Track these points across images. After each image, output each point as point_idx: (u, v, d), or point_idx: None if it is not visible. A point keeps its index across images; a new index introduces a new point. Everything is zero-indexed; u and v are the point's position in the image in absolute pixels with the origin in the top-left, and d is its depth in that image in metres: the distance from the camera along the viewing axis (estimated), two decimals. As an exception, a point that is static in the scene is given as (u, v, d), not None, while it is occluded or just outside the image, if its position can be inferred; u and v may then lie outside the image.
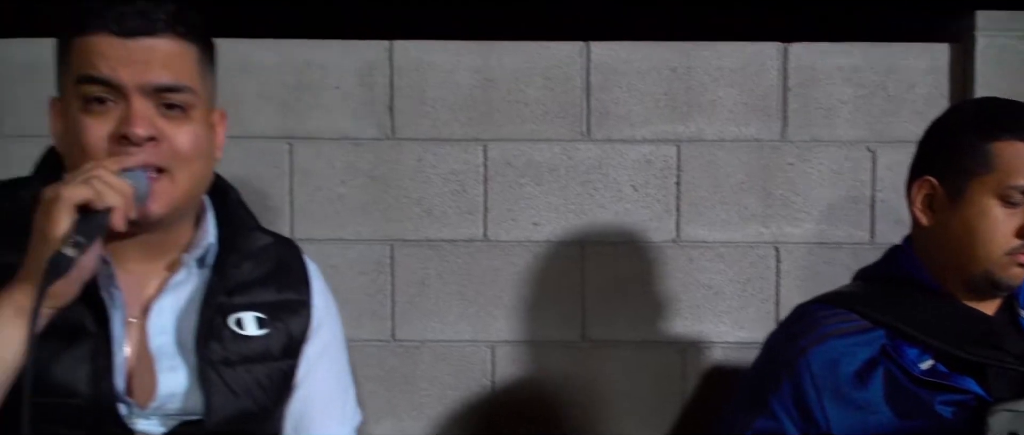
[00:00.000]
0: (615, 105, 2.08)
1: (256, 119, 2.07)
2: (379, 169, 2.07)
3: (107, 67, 1.08)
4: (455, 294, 2.08)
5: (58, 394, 1.09)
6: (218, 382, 1.18)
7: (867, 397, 1.37)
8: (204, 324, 1.19)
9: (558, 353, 2.08)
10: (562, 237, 2.08)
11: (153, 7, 1.11)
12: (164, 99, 1.12)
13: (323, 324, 1.35)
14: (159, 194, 1.12)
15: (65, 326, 1.09)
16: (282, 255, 1.34)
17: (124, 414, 1.14)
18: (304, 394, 1.32)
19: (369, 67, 2.08)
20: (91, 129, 1.09)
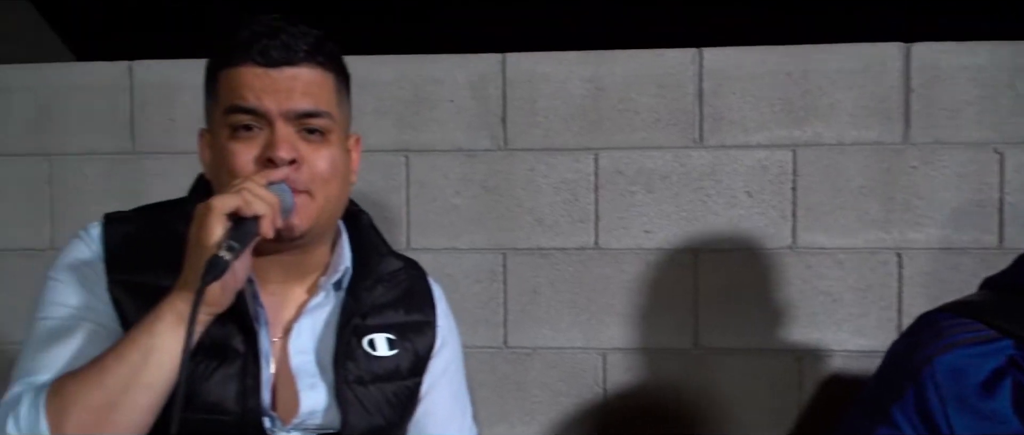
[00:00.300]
0: (728, 111, 2.06)
1: (374, 134, 2.13)
2: (492, 179, 2.11)
3: (253, 96, 1.15)
4: (567, 302, 2.10)
5: (209, 411, 1.16)
6: (353, 400, 1.24)
7: (994, 408, 1.32)
8: (341, 345, 1.25)
9: (670, 361, 2.07)
10: (674, 244, 2.07)
11: (295, 39, 1.17)
12: (305, 124, 1.18)
13: (446, 343, 1.40)
14: (301, 210, 1.17)
15: (215, 346, 1.16)
16: (411, 279, 1.39)
17: (268, 428, 1.20)
18: (425, 409, 1.37)
19: (482, 80, 2.12)
20: (239, 154, 1.16)
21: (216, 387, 1.16)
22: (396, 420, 1.30)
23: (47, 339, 1.16)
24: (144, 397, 1.05)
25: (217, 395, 1.16)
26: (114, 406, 1.04)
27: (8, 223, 2.24)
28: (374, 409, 1.26)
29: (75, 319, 1.17)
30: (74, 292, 1.19)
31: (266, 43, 1.15)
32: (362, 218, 1.40)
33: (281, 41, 1.16)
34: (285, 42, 1.16)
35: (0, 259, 2.24)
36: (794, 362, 2.04)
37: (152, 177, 2.19)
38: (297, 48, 1.17)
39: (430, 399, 1.37)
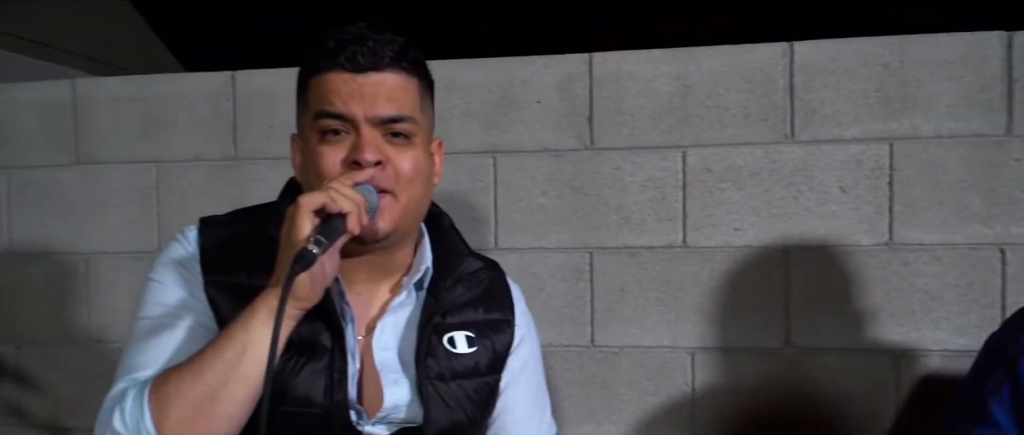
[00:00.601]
0: (821, 105, 2.02)
1: (462, 136, 2.17)
2: (578, 179, 2.12)
3: (340, 102, 1.19)
4: (654, 300, 2.09)
5: (298, 405, 1.20)
6: (435, 396, 1.27)
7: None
8: (422, 343, 1.28)
9: (761, 360, 2.04)
10: (765, 242, 2.04)
11: (381, 45, 1.20)
12: (389, 128, 1.21)
13: (524, 341, 1.42)
14: (385, 210, 1.21)
15: (304, 343, 1.21)
16: (490, 279, 1.42)
17: (355, 421, 1.24)
18: (503, 405, 1.39)
19: (569, 80, 2.13)
20: (327, 156, 1.20)
21: (305, 381, 1.21)
22: (476, 416, 1.33)
23: (148, 337, 1.22)
24: (241, 389, 1.10)
25: (306, 389, 1.21)
26: (213, 398, 1.09)
27: (119, 227, 2.36)
28: (455, 405, 1.28)
29: (174, 317, 1.23)
30: (173, 292, 1.25)
31: (353, 50, 1.19)
32: (443, 220, 1.43)
33: (367, 47, 1.19)
34: (371, 48, 1.20)
35: (112, 261, 2.36)
36: (891, 362, 1.98)
37: (253, 182, 2.28)
38: (383, 54, 1.20)
39: (508, 395, 1.39)
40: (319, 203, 1.11)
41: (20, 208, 2.43)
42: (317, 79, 1.22)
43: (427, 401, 1.26)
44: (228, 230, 1.31)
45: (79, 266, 2.39)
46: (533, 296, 2.15)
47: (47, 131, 2.41)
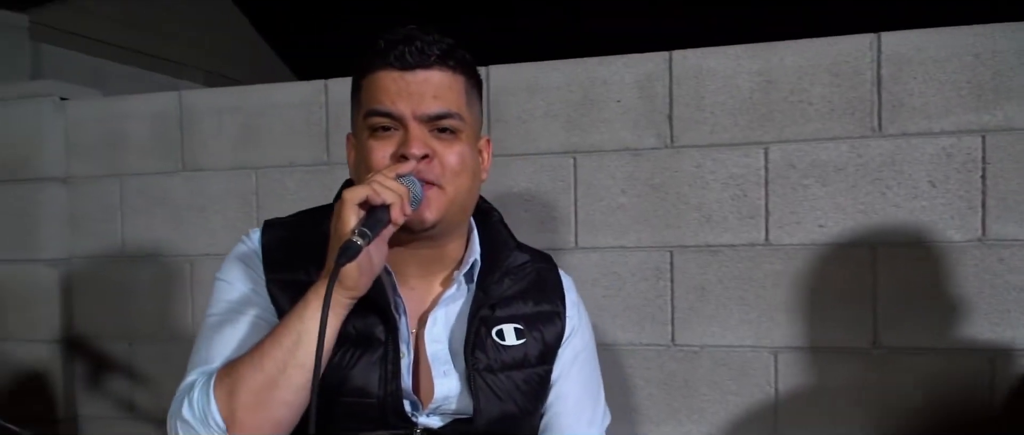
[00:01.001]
0: (909, 97, 1.96)
1: (543, 136, 2.19)
2: (658, 177, 2.11)
3: (389, 100, 1.24)
4: (735, 299, 2.06)
5: (355, 395, 1.25)
6: (484, 387, 1.30)
7: None
8: (470, 335, 1.31)
9: (846, 360, 1.98)
10: (851, 239, 1.98)
11: (428, 45, 1.25)
12: (436, 124, 1.26)
13: (576, 332, 1.43)
14: (431, 201, 1.25)
15: (359, 336, 1.26)
16: (540, 271, 1.43)
17: (409, 411, 1.28)
18: (556, 395, 1.40)
19: (649, 79, 2.13)
20: (377, 151, 1.25)
21: (360, 373, 1.25)
22: (527, 407, 1.34)
23: (215, 331, 1.29)
24: (298, 376, 1.15)
25: (362, 380, 1.25)
26: (273, 385, 1.15)
27: (221, 230, 2.48)
28: (505, 396, 1.30)
29: (239, 313, 1.30)
30: (238, 289, 1.32)
31: (402, 49, 1.24)
32: (493, 215, 1.45)
33: (415, 46, 1.24)
34: (419, 48, 1.24)
35: (214, 263, 2.48)
36: (985, 362, 1.89)
37: (342, 184, 2.36)
38: (429, 53, 1.25)
39: (560, 386, 1.40)
40: (363, 196, 1.15)
41: (132, 213, 2.58)
42: (368, 78, 1.27)
43: (476, 393, 1.28)
44: (289, 231, 1.37)
45: (184, 267, 2.52)
46: (613, 295, 2.15)
47: (156, 140, 2.56)
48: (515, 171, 2.21)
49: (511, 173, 2.21)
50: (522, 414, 1.33)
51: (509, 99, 2.23)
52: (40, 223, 2.62)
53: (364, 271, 1.17)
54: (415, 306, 1.33)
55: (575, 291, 1.47)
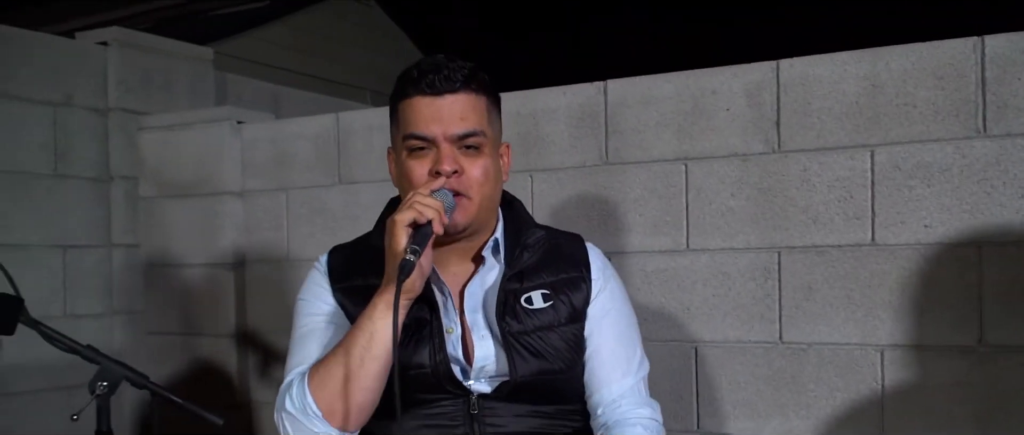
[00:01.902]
0: (1014, 98, 1.97)
1: (656, 145, 2.33)
2: (766, 181, 2.20)
3: (423, 125, 1.48)
4: (842, 298, 2.11)
5: (416, 368, 1.51)
6: (517, 348, 1.51)
7: None
8: (499, 304, 1.53)
9: (952, 358, 2.00)
10: (956, 238, 2.01)
11: (454, 71, 1.49)
12: (463, 142, 1.49)
13: (603, 291, 1.61)
14: (462, 209, 1.49)
15: (413, 322, 1.52)
16: (556, 244, 1.64)
17: (460, 377, 1.53)
18: (591, 350, 1.58)
19: (757, 87, 2.23)
20: (415, 169, 1.50)
21: (416, 350, 1.52)
22: (564, 363, 1.54)
23: (302, 341, 1.59)
24: (373, 366, 1.43)
25: (417, 356, 1.52)
26: (354, 376, 1.43)
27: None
28: (539, 354, 1.52)
29: (317, 323, 1.60)
30: (314, 305, 1.62)
31: (432, 77, 1.48)
32: (514, 204, 1.68)
33: (444, 74, 1.48)
34: (446, 75, 1.48)
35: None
36: (1096, 361, 1.87)
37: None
38: (455, 79, 1.49)
39: (594, 341, 1.58)
40: (409, 219, 1.40)
41: (295, 222, 2.91)
42: (405, 103, 1.52)
43: (510, 353, 1.50)
44: (347, 250, 1.68)
45: (340, 270, 2.81)
46: (722, 294, 2.26)
47: (316, 157, 2.88)
48: (630, 178, 2.36)
49: (627, 180, 2.36)
50: (556, 371, 1.53)
51: (625, 111, 2.38)
52: (219, 231, 3.00)
53: (417, 278, 1.43)
54: (455, 286, 1.57)
55: (602, 258, 1.67)
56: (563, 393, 1.58)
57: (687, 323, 2.30)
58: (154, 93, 3.23)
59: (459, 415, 1.54)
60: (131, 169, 3.13)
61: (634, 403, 1.58)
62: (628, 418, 1.56)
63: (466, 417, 1.53)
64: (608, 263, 1.68)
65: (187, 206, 3.07)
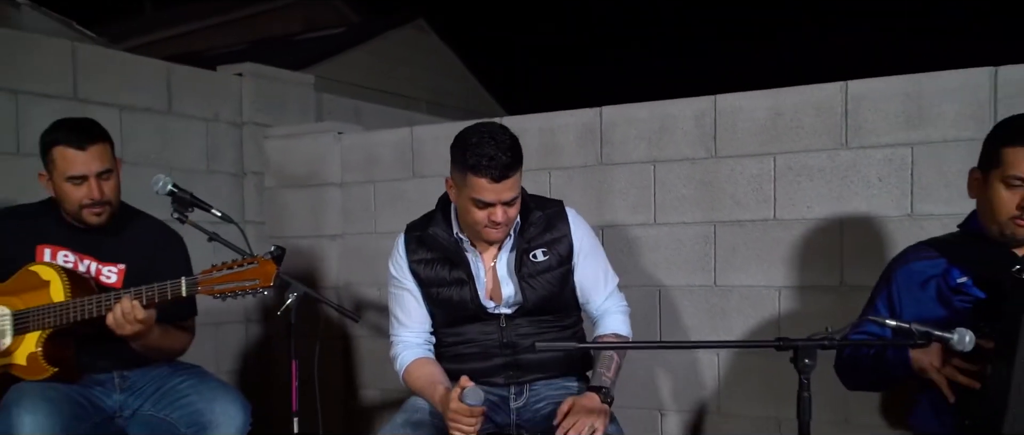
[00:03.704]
0: (866, 123, 2.97)
1: (634, 152, 3.37)
2: (706, 177, 3.23)
3: (488, 196, 2.28)
4: (754, 256, 3.15)
5: (462, 306, 2.47)
6: (528, 287, 2.46)
7: (924, 296, 2.23)
8: (516, 261, 2.48)
9: (824, 294, 3.03)
10: (827, 216, 3.02)
11: (508, 162, 2.25)
12: (508, 201, 2.32)
13: (582, 241, 2.54)
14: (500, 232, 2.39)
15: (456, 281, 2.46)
16: (548, 217, 2.51)
17: (491, 308, 2.50)
18: (578, 277, 2.55)
19: (701, 113, 3.25)
20: (477, 215, 2.33)
21: (460, 296, 2.47)
22: (559, 290, 2.50)
23: (395, 303, 2.57)
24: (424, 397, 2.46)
25: (460, 298, 2.47)
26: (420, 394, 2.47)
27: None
28: (541, 288, 2.47)
29: (402, 289, 2.56)
30: (397, 277, 2.56)
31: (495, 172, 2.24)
32: (529, 202, 2.51)
33: (502, 164, 2.24)
34: (505, 164, 2.25)
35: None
36: None
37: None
38: (508, 173, 2.26)
39: (579, 271, 2.54)
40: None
41: (380, 206, 4.01)
42: (472, 177, 2.28)
43: (524, 290, 2.48)
44: (417, 230, 2.57)
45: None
46: (677, 254, 3.30)
47: (396, 158, 3.97)
48: (617, 174, 3.41)
49: (614, 176, 3.41)
50: (552, 296, 2.51)
51: (614, 128, 3.43)
52: (325, 213, 4.12)
53: None
54: (490, 257, 2.51)
55: (577, 218, 2.58)
56: (556, 309, 2.55)
57: (654, 273, 3.36)
58: (274, 110, 4.36)
59: (494, 330, 2.50)
60: (259, 167, 4.27)
61: (612, 303, 2.59)
62: (609, 310, 2.58)
63: (498, 330, 2.50)
64: (581, 219, 2.60)
65: (301, 194, 4.20)
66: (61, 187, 2.53)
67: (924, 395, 2.25)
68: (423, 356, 2.53)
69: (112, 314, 2.36)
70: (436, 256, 2.48)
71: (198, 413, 2.51)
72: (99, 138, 2.56)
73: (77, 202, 2.53)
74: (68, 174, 2.50)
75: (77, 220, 2.59)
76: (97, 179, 2.53)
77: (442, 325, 2.55)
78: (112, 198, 2.59)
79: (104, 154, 2.55)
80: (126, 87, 3.73)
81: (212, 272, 2.39)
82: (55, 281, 2.44)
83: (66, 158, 2.50)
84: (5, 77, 3.32)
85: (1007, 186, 2.08)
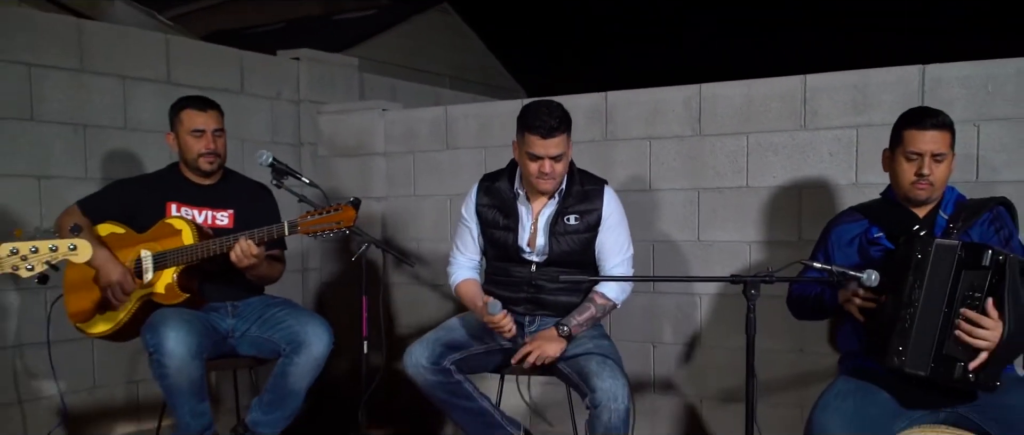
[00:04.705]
0: (820, 108, 3.67)
1: (633, 130, 4.07)
2: (692, 152, 3.93)
3: (538, 150, 3.01)
4: (731, 216, 3.86)
5: (505, 245, 3.25)
6: (556, 242, 3.18)
7: (850, 250, 2.94)
8: (552, 221, 3.21)
9: (786, 247, 3.75)
10: (789, 184, 3.73)
11: (555, 126, 2.97)
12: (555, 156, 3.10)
13: (610, 216, 3.25)
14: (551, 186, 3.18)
15: (503, 227, 3.23)
16: (586, 191, 3.24)
17: (526, 253, 3.24)
18: (599, 242, 3.26)
19: (689, 99, 3.94)
20: (530, 168, 3.08)
21: (504, 240, 3.23)
22: (581, 249, 3.22)
23: (457, 235, 3.37)
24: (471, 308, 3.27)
25: (504, 242, 3.23)
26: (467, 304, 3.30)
27: (469, 182, 4.56)
28: (567, 245, 3.19)
29: (465, 228, 3.35)
30: (465, 217, 3.34)
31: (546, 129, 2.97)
32: (573, 167, 3.28)
33: (551, 124, 2.97)
34: (552, 125, 2.97)
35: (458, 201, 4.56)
36: None
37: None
38: (557, 132, 2.99)
39: (601, 238, 3.25)
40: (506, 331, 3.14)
41: (419, 174, 4.72)
42: (528, 134, 3.02)
43: (552, 244, 3.20)
44: (487, 182, 3.34)
45: (446, 203, 4.62)
46: (669, 214, 4.01)
47: (432, 132, 4.68)
48: (619, 149, 4.11)
49: (617, 150, 4.11)
50: (576, 253, 3.22)
51: (617, 110, 4.13)
52: (371, 179, 4.83)
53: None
54: (538, 208, 3.25)
55: (612, 196, 3.30)
56: (576, 264, 3.24)
57: (649, 230, 4.06)
58: (325, 89, 5.07)
59: (525, 272, 3.26)
60: (314, 138, 4.99)
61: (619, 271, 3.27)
62: (615, 269, 3.26)
63: (528, 272, 3.26)
64: (615, 197, 3.29)
65: (350, 162, 4.92)
66: (185, 140, 3.32)
67: (847, 322, 2.97)
68: (471, 277, 3.33)
69: (234, 251, 3.09)
70: (496, 204, 3.23)
71: (295, 334, 3.23)
72: (215, 107, 3.39)
73: (196, 152, 3.31)
74: (192, 128, 3.30)
75: (195, 170, 3.36)
76: (213, 134, 3.33)
77: (491, 259, 3.32)
78: (222, 152, 3.38)
79: (219, 118, 3.37)
80: (208, 72, 4.45)
81: (307, 217, 3.10)
82: (185, 230, 3.18)
83: (191, 117, 3.31)
84: (114, 65, 4.04)
85: (907, 159, 2.77)
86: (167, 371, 2.95)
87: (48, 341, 3.32)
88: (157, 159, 3.95)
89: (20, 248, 2.57)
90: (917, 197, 2.79)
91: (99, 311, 3.20)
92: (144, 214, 3.28)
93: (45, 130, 3.80)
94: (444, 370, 3.08)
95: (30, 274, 2.59)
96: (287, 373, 3.21)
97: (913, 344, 2.54)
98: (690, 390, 4.06)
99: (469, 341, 3.21)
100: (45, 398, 3.79)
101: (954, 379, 2.48)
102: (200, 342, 3.04)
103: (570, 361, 3.06)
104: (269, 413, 3.26)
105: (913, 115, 2.81)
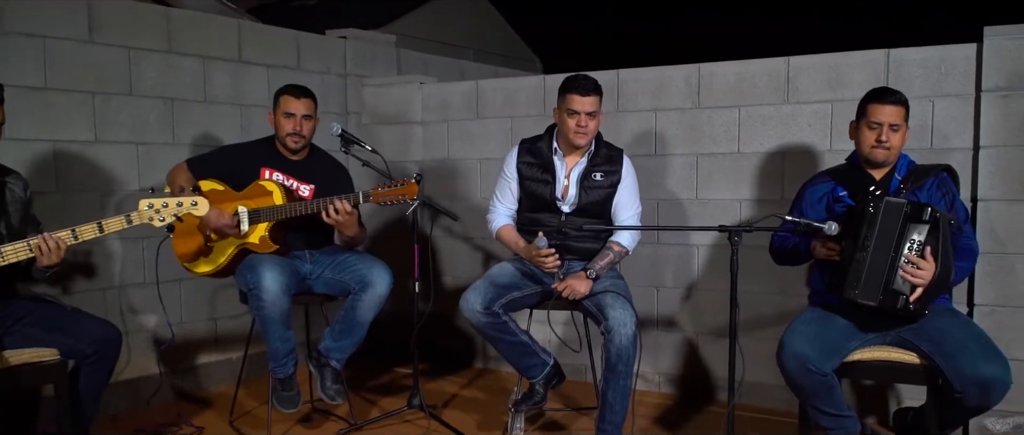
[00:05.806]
0: (800, 85, 4.30)
1: (642, 103, 4.70)
2: (693, 122, 4.57)
3: (576, 104, 3.68)
4: (725, 178, 4.51)
5: (539, 196, 3.90)
6: (585, 194, 3.84)
7: (820, 206, 3.59)
8: (583, 175, 3.87)
9: (771, 205, 4.40)
10: (775, 149, 4.37)
11: (591, 87, 3.69)
12: (591, 113, 3.76)
13: (627, 178, 3.91)
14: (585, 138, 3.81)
15: (539, 181, 3.88)
16: (610, 156, 3.91)
17: (559, 202, 3.91)
18: (616, 200, 3.92)
19: (689, 76, 4.57)
20: (569, 123, 3.74)
21: (540, 192, 3.88)
22: (602, 201, 3.89)
23: (498, 187, 4.00)
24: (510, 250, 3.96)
25: (540, 193, 3.86)
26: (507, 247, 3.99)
27: (496, 148, 5.21)
28: (593, 196, 3.85)
29: (505, 182, 3.97)
30: (507, 172, 3.97)
31: (583, 84, 3.67)
32: (600, 134, 4.00)
33: (588, 86, 3.67)
34: (588, 87, 3.68)
35: (488, 165, 5.20)
36: None
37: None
38: (593, 88, 3.69)
39: (618, 195, 3.90)
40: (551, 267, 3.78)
41: (453, 139, 5.38)
42: (568, 94, 3.69)
43: (580, 194, 3.86)
44: (528, 142, 4.00)
45: (476, 165, 5.28)
46: (671, 176, 4.66)
47: (463, 103, 5.32)
48: (628, 120, 4.76)
49: (627, 121, 4.75)
50: (599, 203, 3.89)
51: (627, 86, 4.76)
52: (410, 144, 5.49)
53: None
54: (571, 162, 3.90)
55: (628, 162, 3.94)
56: (598, 214, 3.89)
57: (655, 190, 4.70)
58: (367, 63, 5.71)
59: (556, 220, 3.90)
60: (359, 108, 5.65)
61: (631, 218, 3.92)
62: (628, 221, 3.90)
63: (558, 220, 3.89)
64: (631, 164, 3.91)
65: (391, 130, 5.58)
66: (279, 120, 3.97)
67: (817, 267, 3.63)
68: (509, 223, 3.98)
69: (332, 208, 3.74)
70: (536, 161, 3.87)
71: (362, 276, 3.91)
72: (309, 95, 4.01)
73: (285, 131, 3.96)
74: (285, 111, 3.95)
75: (284, 145, 4.01)
76: (302, 119, 3.96)
77: (526, 209, 3.95)
78: (308, 135, 4.02)
79: (310, 105, 4.00)
80: (272, 51, 5.10)
81: (378, 188, 3.75)
82: (275, 191, 3.84)
83: (286, 101, 3.95)
84: (196, 47, 4.68)
85: (869, 128, 3.39)
86: (263, 304, 3.63)
87: (157, 281, 4.03)
88: (230, 128, 4.61)
89: (155, 203, 3.23)
90: (876, 159, 3.43)
91: (203, 255, 3.89)
92: (242, 175, 3.94)
93: (142, 104, 4.46)
94: (494, 313, 3.72)
95: (162, 224, 3.24)
96: (356, 307, 3.89)
97: (866, 280, 3.19)
98: (689, 327, 4.76)
99: (516, 283, 3.84)
100: (144, 331, 4.50)
101: (898, 308, 3.14)
102: (288, 281, 3.71)
103: (592, 298, 3.72)
104: (339, 340, 3.93)
105: (876, 92, 3.44)
